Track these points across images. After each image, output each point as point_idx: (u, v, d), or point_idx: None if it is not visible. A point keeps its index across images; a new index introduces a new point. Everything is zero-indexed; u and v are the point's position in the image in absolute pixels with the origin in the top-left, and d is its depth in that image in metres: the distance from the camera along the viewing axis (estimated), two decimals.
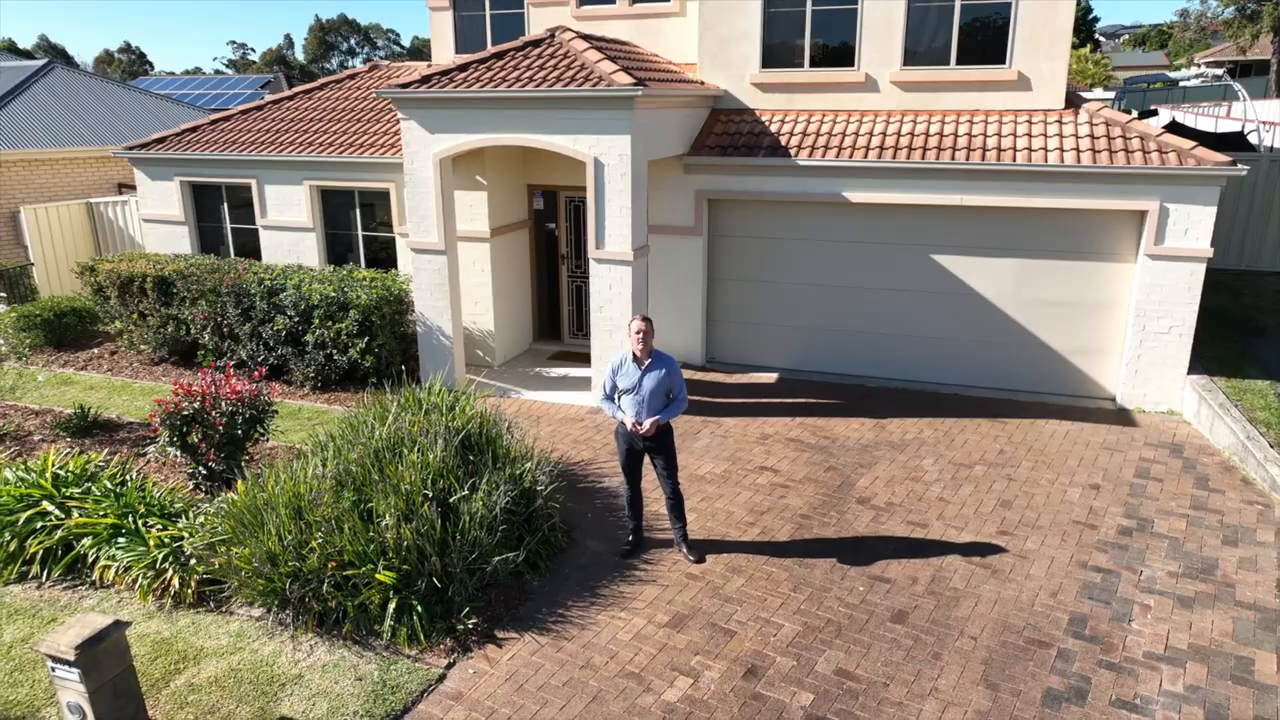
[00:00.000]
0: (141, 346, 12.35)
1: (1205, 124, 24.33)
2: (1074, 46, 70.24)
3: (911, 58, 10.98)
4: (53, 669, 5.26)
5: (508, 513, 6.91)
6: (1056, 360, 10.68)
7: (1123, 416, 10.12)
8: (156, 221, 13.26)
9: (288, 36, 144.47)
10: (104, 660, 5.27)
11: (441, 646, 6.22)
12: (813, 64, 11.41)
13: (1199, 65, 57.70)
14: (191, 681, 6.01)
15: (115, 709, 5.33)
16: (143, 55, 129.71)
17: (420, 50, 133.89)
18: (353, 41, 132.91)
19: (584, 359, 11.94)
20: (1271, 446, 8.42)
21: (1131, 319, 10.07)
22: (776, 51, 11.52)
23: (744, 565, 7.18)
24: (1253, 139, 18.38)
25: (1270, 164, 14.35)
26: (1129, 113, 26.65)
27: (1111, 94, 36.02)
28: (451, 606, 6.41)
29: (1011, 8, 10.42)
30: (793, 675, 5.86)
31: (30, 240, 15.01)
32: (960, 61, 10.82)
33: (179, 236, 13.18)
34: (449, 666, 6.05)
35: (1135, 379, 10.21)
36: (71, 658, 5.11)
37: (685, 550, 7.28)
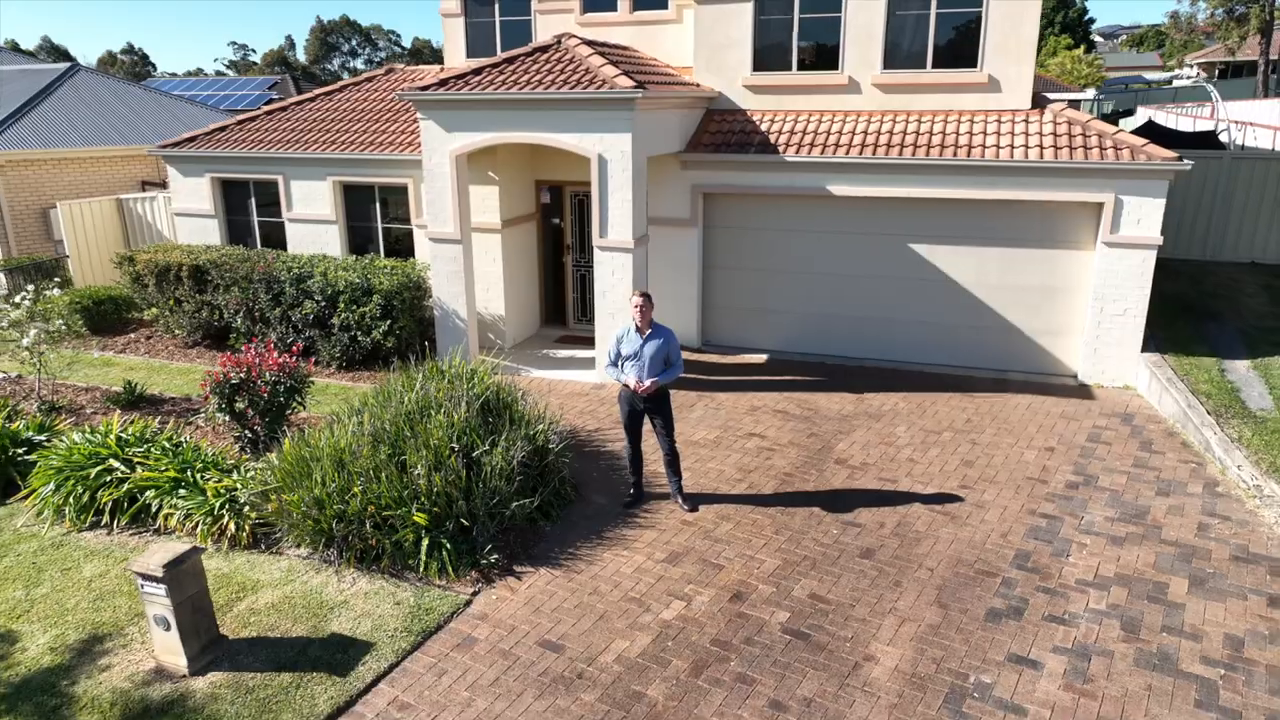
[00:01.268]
0: (176, 331, 13.28)
1: (1185, 124, 25.29)
2: (1068, 48, 71.17)
3: (891, 62, 11.90)
4: (142, 586, 6.19)
5: (523, 466, 7.82)
6: (1023, 340, 11.60)
7: (1082, 391, 11.05)
8: (188, 215, 14.19)
9: (289, 38, 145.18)
10: (184, 579, 6.21)
11: (467, 578, 7.14)
12: (800, 68, 12.33)
13: (1190, 66, 58.67)
14: (251, 606, 6.93)
15: (193, 621, 6.25)
16: (145, 56, 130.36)
17: (421, 51, 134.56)
18: (354, 42, 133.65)
19: (588, 342, 12.85)
20: (1208, 414, 9.34)
21: (1090, 302, 10.99)
22: (767, 56, 12.43)
23: (732, 514, 8.11)
24: (1224, 138, 19.32)
25: (1232, 161, 15.27)
26: (1116, 112, 27.50)
27: (1100, 95, 36.97)
28: (476, 545, 7.33)
29: (982, 16, 11.34)
30: (772, 599, 6.79)
31: (65, 234, 15.92)
32: (936, 65, 11.73)
33: (209, 229, 14.11)
34: (474, 594, 6.98)
35: (1094, 357, 11.13)
36: (160, 574, 6.04)
37: (681, 501, 8.20)
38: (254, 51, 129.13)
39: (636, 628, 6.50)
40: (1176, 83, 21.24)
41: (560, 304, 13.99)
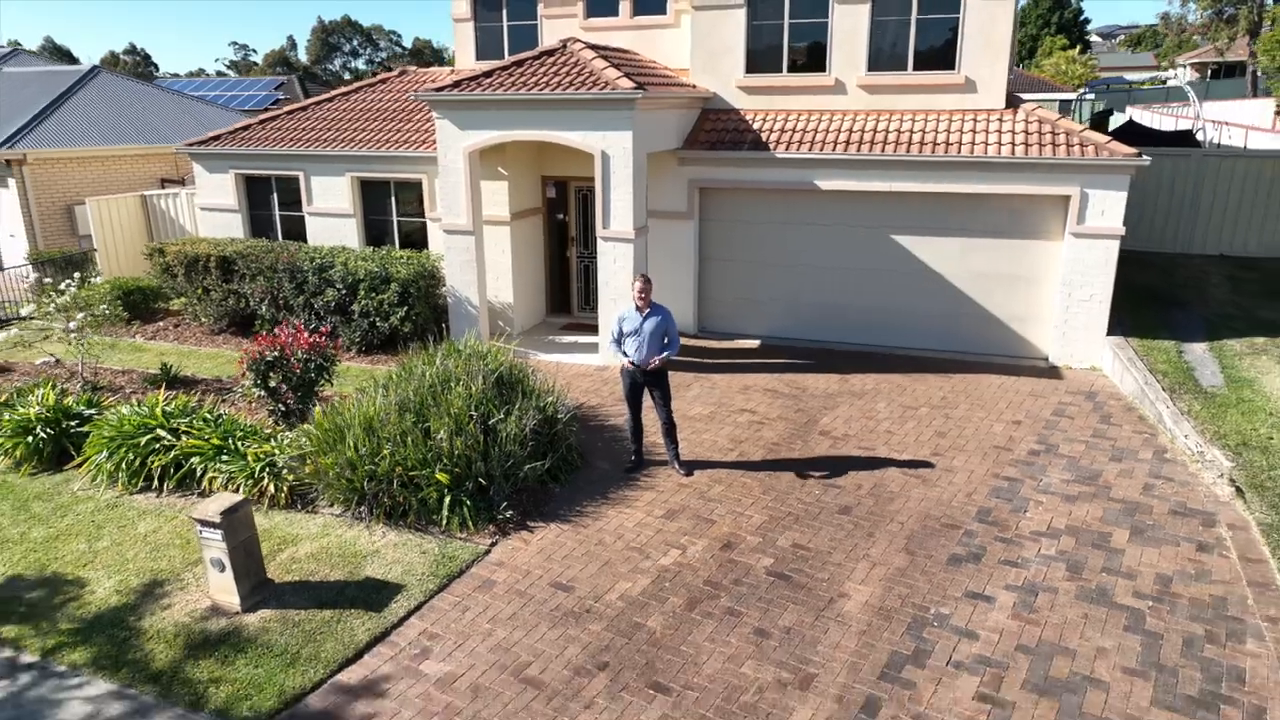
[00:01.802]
0: (203, 319, 14.10)
1: (1169, 123, 26.11)
2: (1063, 48, 71.81)
3: (874, 64, 12.69)
4: (200, 532, 7.01)
5: (535, 433, 8.63)
6: (998, 325, 12.41)
7: (1052, 372, 11.86)
8: (213, 210, 15.00)
9: (290, 38, 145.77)
10: (238, 525, 7.02)
11: (485, 532, 7.96)
12: (790, 70, 13.13)
13: (1183, 66, 59.44)
14: (292, 556, 7.75)
15: (245, 564, 7.07)
16: (148, 57, 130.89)
17: (421, 51, 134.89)
18: (355, 43, 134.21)
19: (591, 329, 13.64)
20: (1163, 390, 10.16)
21: (1059, 289, 11.80)
22: (759, 59, 13.23)
23: (724, 477, 8.93)
24: (1200, 137, 20.13)
25: (1201, 159, 16.08)
26: (1105, 111, 28.15)
27: (1083, 95, 37.74)
28: (493, 502, 8.14)
29: (959, 21, 12.14)
30: (759, 547, 7.61)
31: (94, 228, 16.72)
32: (916, 68, 12.54)
33: (233, 223, 14.91)
34: (492, 545, 7.80)
35: (1063, 340, 11.94)
36: (217, 520, 6.86)
37: (677, 466, 9.02)
38: (255, 52, 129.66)
39: (637, 572, 7.32)
40: (1159, 84, 21.97)
41: (565, 293, 14.80)
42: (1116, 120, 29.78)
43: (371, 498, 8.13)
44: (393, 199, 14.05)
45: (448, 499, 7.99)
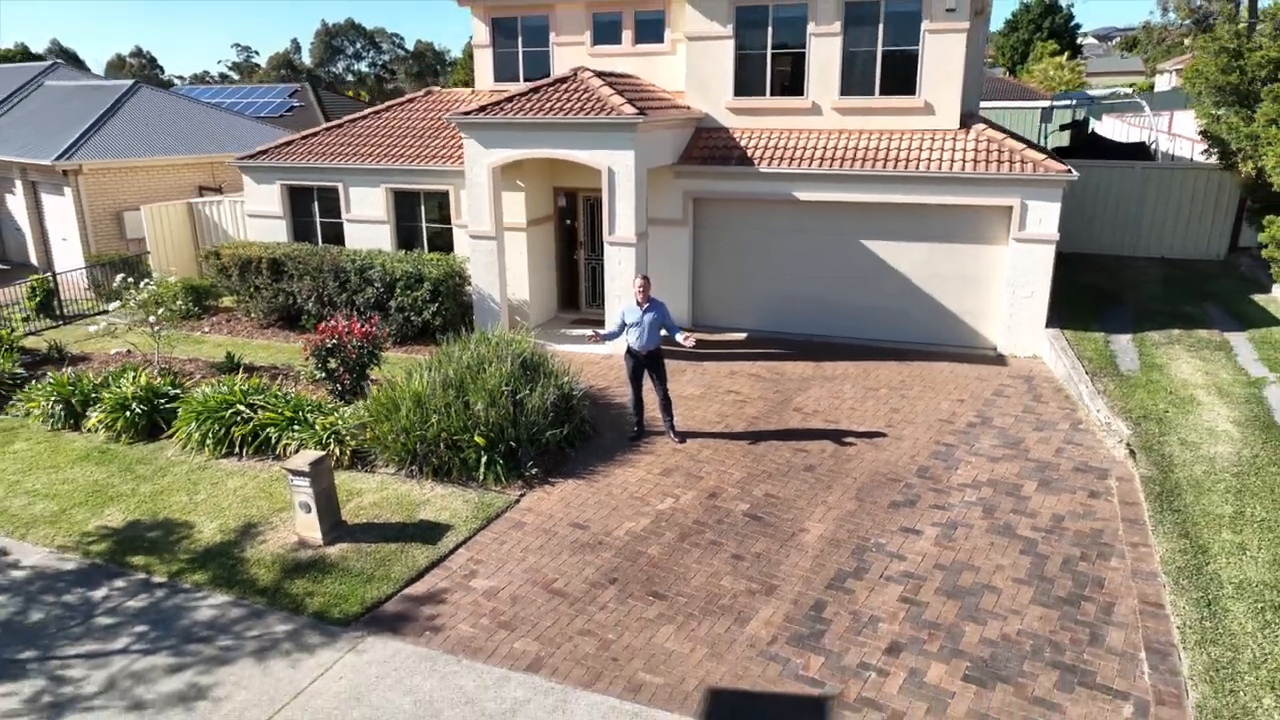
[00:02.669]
0: (254, 314, 15.88)
1: (1134, 134, 27.85)
2: (1053, 54, 73.41)
3: (846, 89, 14.45)
4: (291, 480, 8.79)
5: (554, 406, 10.41)
6: (953, 319, 14.18)
7: (999, 359, 13.64)
8: (260, 216, 16.79)
9: (295, 41, 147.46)
10: (321, 474, 8.81)
11: (515, 485, 9.74)
12: (773, 93, 14.90)
13: (1169, 72, 61.14)
14: (359, 505, 9.53)
15: (326, 506, 8.85)
16: (153, 60, 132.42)
17: (424, 54, 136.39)
18: (358, 45, 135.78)
19: (598, 323, 15.36)
20: (1086, 373, 11.94)
21: (1005, 288, 13.58)
22: (745, 83, 14.99)
23: (711, 444, 10.71)
24: (1154, 149, 21.90)
25: (1144, 171, 17.86)
26: (1087, 120, 29.78)
27: (1073, 103, 39.51)
28: (520, 462, 9.92)
29: (919, 53, 13.90)
30: (738, 496, 9.40)
31: (147, 232, 18.49)
32: (882, 93, 14.29)
33: (277, 228, 16.69)
34: (521, 495, 9.58)
35: (1008, 332, 13.72)
36: (306, 469, 8.64)
37: (672, 435, 10.80)
38: (257, 53, 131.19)
39: (640, 514, 9.11)
40: (1120, 98, 23.61)
41: (574, 292, 16.57)
42: (1094, 127, 31.49)
43: (421, 458, 9.92)
44: (422, 207, 15.82)
45: (484, 459, 9.77)
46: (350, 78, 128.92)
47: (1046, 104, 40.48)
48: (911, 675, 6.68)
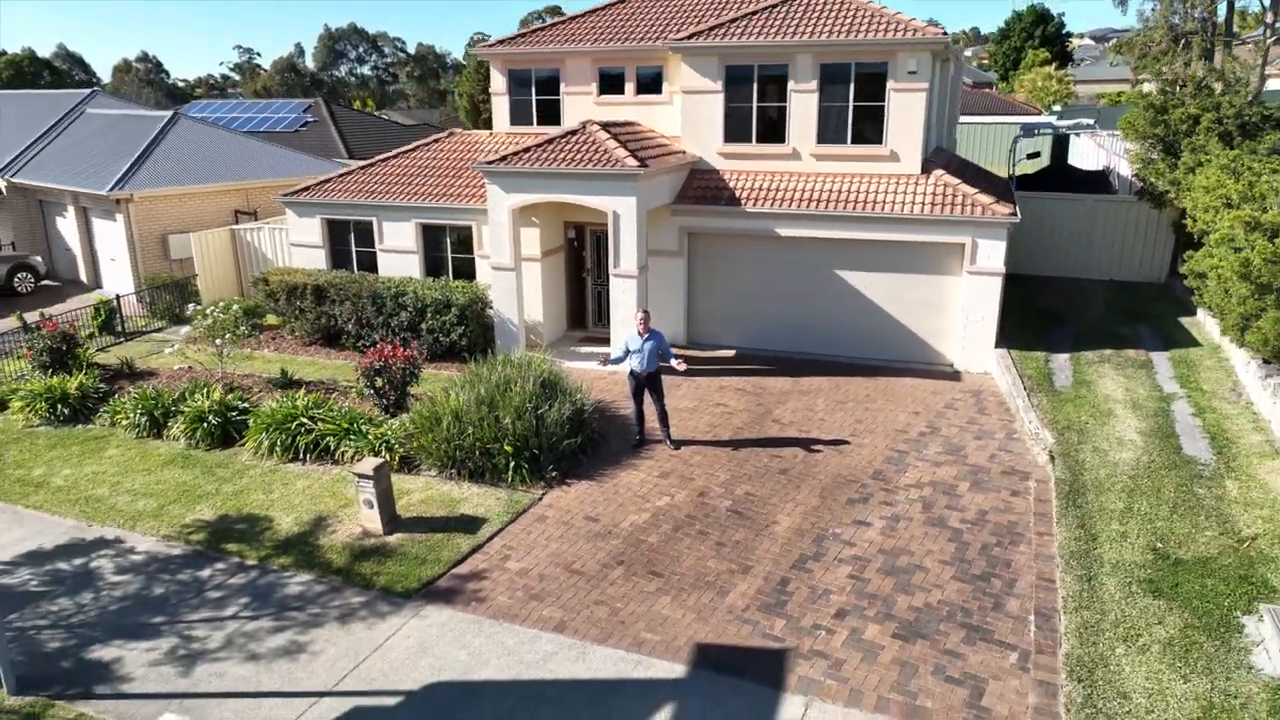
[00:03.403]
0: (298, 333, 17.86)
1: (1103, 156, 29.79)
2: (1043, 63, 75.28)
3: (822, 138, 16.42)
4: (357, 482, 10.76)
5: (569, 420, 12.38)
6: (916, 340, 16.16)
7: (954, 375, 15.62)
8: (301, 246, 18.77)
9: (298, 45, 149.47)
10: (381, 476, 10.78)
11: (538, 486, 11.72)
12: (758, 141, 16.87)
13: (1153, 80, 63.08)
14: (408, 501, 11.51)
15: (385, 503, 10.82)
16: (159, 64, 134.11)
17: (424, 57, 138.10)
18: (361, 49, 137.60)
19: (604, 341, 17.36)
20: (1025, 389, 13.92)
21: (960, 313, 15.56)
22: (734, 132, 16.96)
23: (702, 451, 12.70)
24: (1112, 177, 23.88)
25: (1093, 203, 19.87)
26: (1067, 139, 31.51)
27: (1053, 118, 41.48)
28: (542, 467, 11.89)
29: (885, 108, 15.88)
30: (723, 494, 11.38)
31: (196, 257, 20.47)
32: (854, 142, 16.27)
33: (317, 256, 18.67)
34: (543, 494, 11.56)
35: (963, 351, 15.71)
36: (370, 473, 10.62)
37: (669, 444, 12.78)
38: (259, 55, 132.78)
39: (641, 509, 11.10)
40: (1082, 128, 25.53)
41: (581, 312, 18.55)
42: (1076, 140, 33.24)
43: (459, 463, 11.90)
44: (447, 239, 17.80)
45: (512, 464, 11.75)
46: (353, 80, 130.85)
47: (1026, 119, 42.49)
48: (852, 633, 8.66)
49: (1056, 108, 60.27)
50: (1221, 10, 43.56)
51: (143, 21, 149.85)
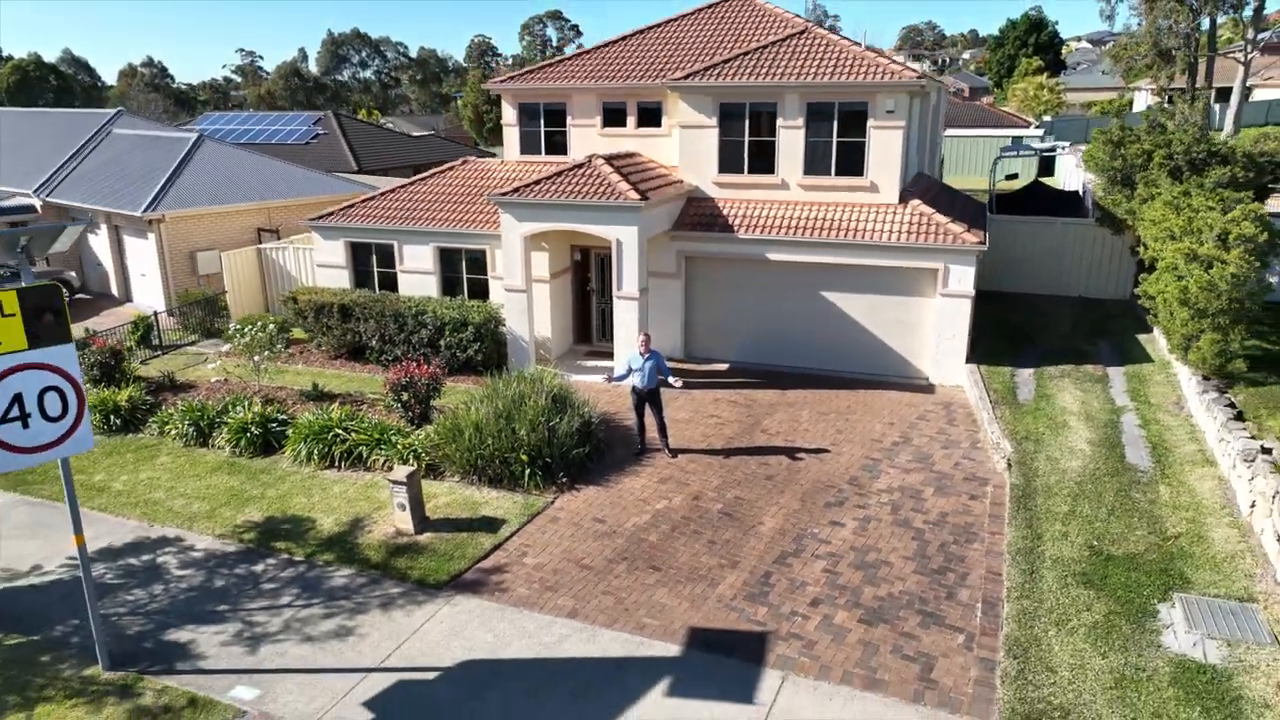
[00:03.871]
0: (325, 348, 19.29)
1: (1076, 182, 31.17)
2: (1036, 72, 76.69)
3: (809, 170, 17.85)
4: (392, 487, 12.17)
5: (578, 431, 13.80)
6: (895, 356, 17.59)
7: (929, 389, 17.05)
8: (326, 266, 20.20)
9: (302, 50, 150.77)
10: (413, 483, 12.20)
11: (550, 490, 13.14)
12: (749, 171, 18.29)
13: (1144, 90, 64.60)
14: (435, 504, 12.93)
15: (415, 506, 12.24)
16: (164, 69, 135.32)
17: (426, 61, 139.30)
18: (364, 54, 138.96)
19: (608, 355, 18.77)
20: (990, 402, 15.34)
21: (933, 331, 16.99)
22: (728, 163, 18.39)
23: (697, 459, 14.12)
24: (1085, 199, 25.30)
25: (1063, 226, 21.32)
26: (1053, 151, 32.94)
27: (1041, 131, 42.92)
28: (554, 473, 13.31)
29: (865, 143, 17.30)
30: (715, 498, 12.80)
31: (226, 275, 21.90)
32: (837, 174, 17.70)
33: (341, 276, 20.10)
34: (555, 498, 12.99)
35: (937, 367, 17.14)
36: (403, 479, 12.03)
37: (668, 452, 14.21)
38: (262, 58, 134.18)
39: (643, 511, 12.52)
40: (1059, 150, 26.98)
41: (587, 329, 19.98)
42: (1060, 157, 34.67)
43: (480, 470, 13.33)
44: (463, 262, 19.23)
45: (528, 471, 13.17)
46: (355, 84, 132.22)
47: (1013, 132, 43.95)
48: (824, 619, 10.08)
49: (1047, 118, 61.82)
50: (1204, 24, 45.14)
51: (146, 25, 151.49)
